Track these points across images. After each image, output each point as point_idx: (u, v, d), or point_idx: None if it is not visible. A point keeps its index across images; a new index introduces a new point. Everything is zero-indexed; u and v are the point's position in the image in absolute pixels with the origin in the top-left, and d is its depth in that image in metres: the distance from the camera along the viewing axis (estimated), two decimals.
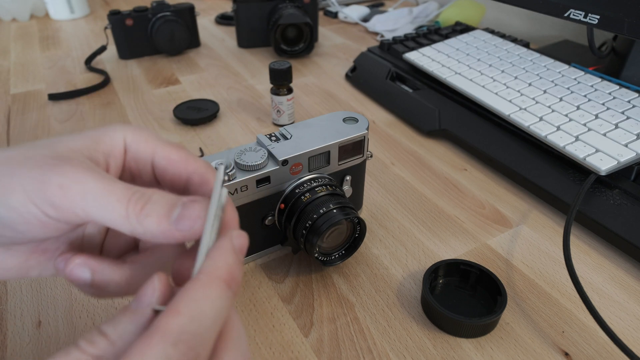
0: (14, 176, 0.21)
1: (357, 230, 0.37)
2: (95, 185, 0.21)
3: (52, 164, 0.21)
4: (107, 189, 0.21)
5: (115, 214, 0.21)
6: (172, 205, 0.22)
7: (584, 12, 0.51)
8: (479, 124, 0.54)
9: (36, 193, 0.21)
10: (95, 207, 0.21)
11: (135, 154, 0.25)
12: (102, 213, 0.21)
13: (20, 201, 0.20)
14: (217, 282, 0.20)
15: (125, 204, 0.21)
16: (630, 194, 0.41)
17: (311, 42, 0.78)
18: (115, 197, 0.21)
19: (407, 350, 0.32)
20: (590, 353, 0.32)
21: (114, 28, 0.76)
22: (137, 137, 0.25)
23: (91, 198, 0.21)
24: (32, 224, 0.21)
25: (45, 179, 0.21)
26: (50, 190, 0.21)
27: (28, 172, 0.21)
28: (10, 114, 0.63)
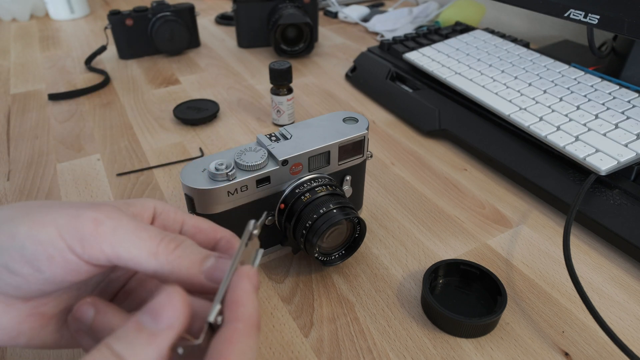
0: (49, 214, 0.21)
1: (357, 230, 0.37)
2: (127, 223, 0.22)
3: (88, 205, 0.22)
4: (140, 227, 0.22)
5: (145, 250, 0.22)
6: (205, 254, 0.23)
7: (584, 12, 0.51)
8: (479, 124, 0.54)
9: (68, 227, 0.21)
10: (125, 242, 0.22)
11: (165, 221, 0.26)
12: (130, 248, 0.22)
13: (50, 235, 0.21)
14: (254, 329, 0.21)
15: (157, 242, 0.22)
16: (630, 194, 0.41)
17: (311, 42, 0.78)
18: (147, 235, 0.22)
19: (407, 350, 0.32)
20: (590, 353, 0.32)
21: (114, 28, 0.76)
22: (167, 208, 0.26)
23: (122, 232, 0.22)
24: (55, 262, 0.21)
25: (80, 214, 0.22)
26: (83, 223, 0.21)
27: (64, 210, 0.22)
28: (10, 114, 0.63)
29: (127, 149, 0.55)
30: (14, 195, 0.48)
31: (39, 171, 0.52)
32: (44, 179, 0.50)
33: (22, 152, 0.55)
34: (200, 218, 0.27)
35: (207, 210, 0.34)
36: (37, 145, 0.56)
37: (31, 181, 0.50)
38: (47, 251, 0.21)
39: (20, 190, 0.49)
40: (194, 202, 0.34)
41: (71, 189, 0.49)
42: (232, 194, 0.34)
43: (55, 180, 0.50)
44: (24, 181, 0.50)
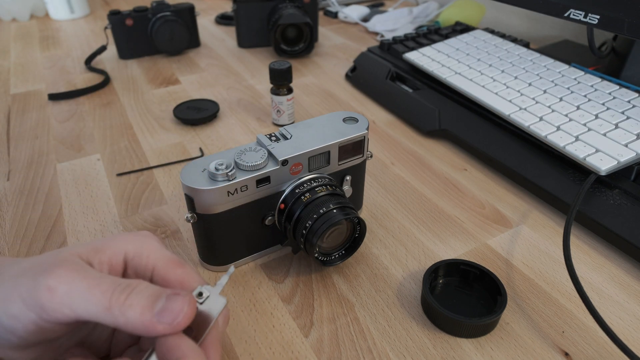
0: (15, 286, 0.23)
1: (357, 230, 0.37)
2: (80, 283, 0.23)
3: (46, 269, 0.23)
4: (92, 284, 0.23)
5: (99, 306, 0.22)
6: (156, 296, 0.23)
7: (584, 12, 0.51)
8: (479, 124, 0.54)
9: (30, 299, 0.22)
10: (80, 302, 0.22)
11: (136, 269, 0.26)
12: (86, 307, 0.22)
13: (20, 309, 0.22)
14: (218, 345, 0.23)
15: (109, 295, 0.22)
16: (630, 194, 0.41)
17: (311, 42, 0.78)
18: (100, 290, 0.23)
19: (407, 350, 0.32)
20: (590, 353, 0.32)
21: (114, 28, 0.76)
22: (138, 252, 0.26)
23: (76, 295, 0.22)
24: (30, 330, 0.23)
25: (37, 284, 0.23)
26: (40, 294, 0.22)
27: (26, 280, 0.23)
28: (10, 114, 0.63)
29: (127, 149, 0.55)
30: (14, 195, 0.48)
31: (39, 171, 0.52)
32: (44, 179, 0.50)
33: (22, 152, 0.55)
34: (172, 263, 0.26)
35: (207, 210, 0.34)
36: (37, 145, 0.56)
37: (31, 181, 0.50)
38: (21, 322, 0.23)
39: (20, 190, 0.48)
40: (194, 202, 0.34)
41: (71, 189, 0.49)
42: (232, 194, 0.34)
43: (55, 180, 0.50)
44: (24, 181, 0.50)
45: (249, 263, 0.40)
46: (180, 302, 0.23)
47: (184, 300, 0.23)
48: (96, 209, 0.46)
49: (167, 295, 0.23)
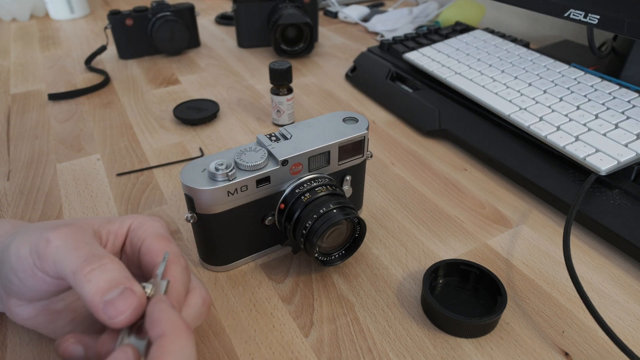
0: (27, 234, 0.26)
1: (357, 230, 0.37)
2: (68, 243, 0.25)
3: (55, 225, 0.26)
4: (76, 246, 0.25)
5: (69, 268, 0.24)
6: (114, 283, 0.24)
7: (584, 12, 0.51)
8: (479, 124, 0.54)
9: (33, 245, 0.25)
10: (61, 259, 0.24)
11: (132, 239, 0.29)
12: (62, 265, 0.24)
13: (25, 252, 0.25)
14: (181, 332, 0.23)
15: (81, 261, 0.24)
16: (630, 194, 0.41)
17: (311, 42, 0.78)
18: (77, 253, 0.25)
19: (407, 350, 0.32)
20: (590, 353, 0.32)
21: (114, 28, 0.76)
22: (139, 226, 0.29)
23: (61, 251, 0.25)
24: (27, 273, 0.25)
25: (42, 234, 0.25)
26: (40, 242, 0.25)
27: (37, 231, 0.26)
28: (10, 114, 0.63)
29: (127, 149, 0.55)
30: (14, 195, 0.48)
31: (39, 171, 0.52)
32: (44, 179, 0.50)
33: (22, 152, 0.55)
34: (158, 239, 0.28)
35: (207, 210, 0.34)
36: (37, 145, 0.56)
37: (31, 181, 0.50)
38: (22, 265, 0.25)
39: (20, 190, 0.48)
40: (193, 202, 0.34)
41: (71, 189, 0.49)
42: (232, 194, 0.34)
43: (55, 180, 0.50)
44: (24, 181, 0.50)
45: (249, 263, 0.40)
46: (128, 303, 0.23)
47: (131, 303, 0.24)
48: (96, 209, 0.46)
49: (124, 288, 0.24)
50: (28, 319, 0.28)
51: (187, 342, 0.23)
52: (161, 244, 0.28)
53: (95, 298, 0.23)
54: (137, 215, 0.30)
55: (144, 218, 0.29)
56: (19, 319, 0.29)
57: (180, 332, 0.23)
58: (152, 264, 0.27)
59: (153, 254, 0.27)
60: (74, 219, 0.28)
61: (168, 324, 0.23)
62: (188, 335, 0.23)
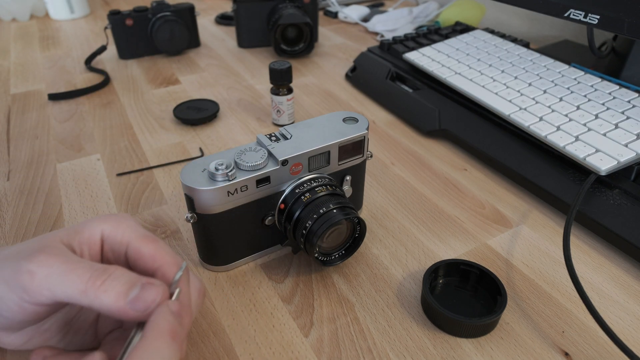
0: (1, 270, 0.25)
1: (357, 230, 0.37)
2: (59, 267, 0.24)
3: (29, 255, 0.25)
4: (70, 268, 0.24)
5: (75, 289, 0.24)
6: (131, 284, 0.25)
7: (584, 12, 0.51)
8: (479, 124, 0.54)
9: (12, 282, 0.24)
10: (58, 285, 0.24)
11: (112, 245, 0.28)
12: (63, 289, 0.24)
13: (3, 292, 0.24)
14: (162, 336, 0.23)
15: (86, 279, 0.24)
16: (630, 194, 0.41)
17: (311, 42, 0.78)
18: (76, 274, 0.24)
19: (407, 350, 0.32)
20: (590, 353, 0.32)
21: (114, 28, 0.76)
22: (114, 230, 0.28)
23: (55, 278, 0.24)
24: (14, 311, 0.25)
25: (18, 269, 0.24)
26: (22, 277, 0.24)
27: (10, 264, 0.25)
28: (10, 114, 0.63)
29: (127, 149, 0.55)
30: (14, 195, 0.48)
31: (39, 171, 0.52)
32: (44, 179, 0.50)
33: (22, 152, 0.55)
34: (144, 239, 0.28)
35: (207, 210, 0.34)
36: (37, 145, 0.56)
37: (31, 181, 0.50)
38: (6, 304, 0.24)
39: (20, 190, 0.48)
40: (193, 202, 0.34)
41: (71, 189, 0.49)
42: (232, 194, 0.34)
43: (55, 180, 0.50)
44: (24, 181, 0.50)
45: (249, 263, 0.40)
46: (154, 292, 0.24)
47: (157, 290, 0.24)
48: (96, 209, 0.46)
49: (141, 284, 0.25)
50: (22, 344, 0.28)
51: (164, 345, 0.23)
52: (150, 247, 0.27)
53: (119, 303, 0.24)
54: (104, 218, 0.28)
55: (112, 220, 0.28)
56: (14, 347, 0.28)
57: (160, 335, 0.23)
58: (149, 269, 0.27)
59: (147, 259, 0.27)
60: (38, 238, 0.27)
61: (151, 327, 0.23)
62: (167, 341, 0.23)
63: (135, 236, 0.28)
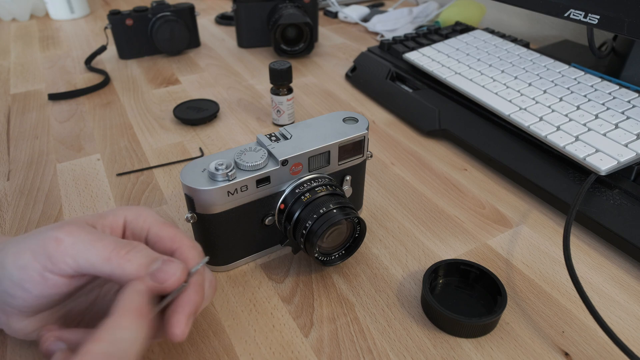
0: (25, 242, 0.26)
1: (357, 230, 0.37)
2: (85, 237, 0.26)
3: (56, 226, 0.26)
4: (96, 238, 0.26)
5: (99, 257, 0.25)
6: (154, 258, 0.26)
7: (584, 12, 0.51)
8: (479, 124, 0.54)
9: (38, 250, 0.25)
10: (83, 252, 0.25)
11: (133, 230, 0.30)
12: (87, 257, 0.25)
13: (27, 260, 0.25)
14: (128, 314, 0.24)
15: (110, 249, 0.25)
16: (630, 194, 0.41)
17: (311, 42, 0.78)
18: (101, 244, 0.26)
19: (407, 350, 0.32)
20: (590, 353, 0.32)
21: (114, 28, 0.76)
22: (136, 217, 0.30)
23: (80, 245, 0.25)
24: (35, 281, 0.25)
25: (46, 237, 0.26)
26: (48, 244, 0.25)
27: (36, 236, 0.26)
28: (10, 114, 0.63)
29: (127, 149, 0.55)
30: (14, 195, 0.48)
31: (39, 171, 0.52)
32: (44, 179, 0.50)
33: (22, 152, 0.55)
34: (164, 224, 0.30)
35: (207, 210, 0.34)
36: (37, 145, 0.56)
37: (31, 181, 0.50)
38: (28, 274, 0.25)
39: (20, 190, 0.48)
40: (193, 202, 0.34)
41: (71, 189, 0.49)
42: (232, 194, 0.34)
43: (55, 180, 0.50)
44: (24, 181, 0.50)
45: (249, 263, 0.40)
46: (175, 267, 0.26)
47: (178, 266, 0.26)
48: (96, 209, 0.46)
49: (163, 260, 0.26)
50: (31, 332, 0.28)
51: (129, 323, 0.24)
52: (170, 230, 0.29)
53: (140, 272, 0.25)
54: (127, 207, 0.30)
55: (135, 209, 0.30)
56: (22, 335, 0.28)
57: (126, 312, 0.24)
58: (168, 250, 0.29)
59: (167, 241, 0.29)
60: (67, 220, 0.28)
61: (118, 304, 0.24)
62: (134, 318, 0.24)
63: (155, 222, 0.30)
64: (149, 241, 0.29)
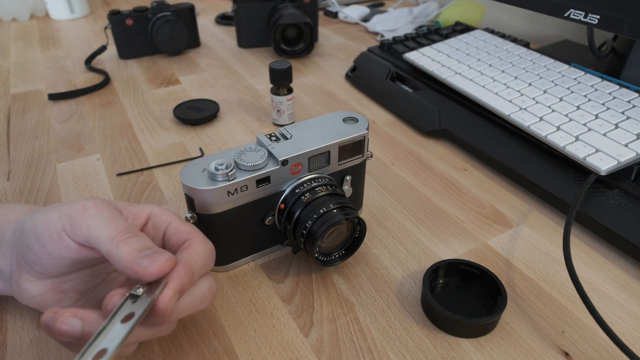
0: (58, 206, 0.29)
1: (357, 230, 0.37)
2: (106, 214, 0.28)
3: (87, 198, 0.29)
4: (112, 217, 0.28)
5: (106, 235, 0.27)
6: (148, 247, 0.28)
7: (584, 12, 0.51)
8: (479, 124, 0.54)
9: (65, 212, 0.28)
10: (97, 225, 0.27)
11: (156, 222, 0.32)
12: (98, 232, 0.27)
13: (54, 218, 0.28)
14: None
15: (118, 231, 0.27)
16: (630, 194, 0.41)
17: (311, 42, 0.78)
18: (114, 224, 0.28)
19: (407, 350, 0.32)
20: (590, 353, 0.32)
21: (114, 28, 0.76)
22: (161, 212, 0.32)
23: (98, 219, 0.28)
24: (52, 238, 0.28)
25: (76, 203, 0.28)
26: (75, 208, 0.28)
27: (67, 204, 0.29)
28: (10, 114, 0.63)
29: (127, 149, 0.55)
30: (14, 195, 0.48)
31: (39, 171, 0.52)
32: (44, 179, 0.50)
33: (22, 152, 0.55)
34: (185, 223, 0.32)
35: (207, 210, 0.34)
36: (37, 145, 0.56)
37: (31, 181, 0.50)
38: (49, 229, 0.28)
39: (20, 190, 0.48)
40: (194, 202, 0.34)
41: (71, 189, 0.49)
42: (232, 194, 0.34)
43: (55, 180, 0.50)
44: (24, 181, 0.50)
45: (249, 263, 0.40)
46: (164, 257, 0.27)
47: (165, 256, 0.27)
48: None
49: (155, 250, 0.28)
50: (36, 296, 0.29)
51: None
52: (189, 226, 0.31)
53: (131, 255, 0.26)
54: (154, 205, 0.33)
55: (162, 207, 0.33)
56: (27, 296, 0.30)
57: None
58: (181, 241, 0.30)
59: (183, 234, 0.31)
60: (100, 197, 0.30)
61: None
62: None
63: (177, 219, 0.32)
64: (167, 233, 0.31)
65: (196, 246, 0.30)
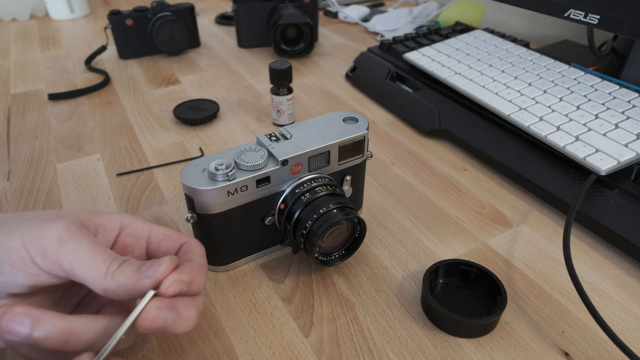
0: (18, 226, 0.25)
1: (357, 230, 0.37)
2: (88, 246, 0.25)
3: (54, 218, 0.25)
4: (97, 251, 0.25)
5: (97, 272, 0.25)
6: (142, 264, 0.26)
7: (584, 12, 0.51)
8: (479, 124, 0.54)
9: (33, 240, 0.24)
10: (83, 262, 0.25)
11: (133, 231, 0.30)
12: (84, 269, 0.25)
13: (15, 245, 0.24)
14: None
15: (108, 264, 0.25)
16: (630, 194, 0.41)
17: (311, 42, 0.78)
18: (102, 259, 0.25)
19: (407, 350, 0.32)
20: (590, 353, 0.32)
21: (114, 28, 0.76)
22: (134, 220, 0.30)
23: (81, 254, 0.25)
24: (16, 267, 0.24)
25: (46, 230, 0.25)
26: (48, 240, 0.24)
27: (31, 224, 0.25)
28: (10, 114, 0.63)
29: (127, 149, 0.55)
30: (14, 195, 0.48)
31: (39, 171, 0.52)
32: (44, 179, 0.50)
33: (22, 152, 0.55)
34: (166, 227, 0.31)
35: (207, 210, 0.34)
36: (37, 145, 0.56)
37: (31, 181, 0.50)
38: (10, 258, 0.24)
39: (20, 190, 0.48)
40: (193, 202, 0.34)
41: (71, 189, 0.49)
42: (232, 194, 0.34)
43: (55, 180, 0.50)
44: (24, 181, 0.50)
45: (249, 263, 0.40)
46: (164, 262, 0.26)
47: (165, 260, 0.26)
48: (96, 209, 0.46)
49: (150, 262, 0.26)
50: None
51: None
52: (173, 231, 0.30)
53: (134, 277, 0.25)
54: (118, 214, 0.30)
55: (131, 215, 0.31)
56: None
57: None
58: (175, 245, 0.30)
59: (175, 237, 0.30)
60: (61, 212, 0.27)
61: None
62: None
63: (154, 225, 0.30)
64: (152, 240, 0.30)
65: (196, 246, 0.30)
